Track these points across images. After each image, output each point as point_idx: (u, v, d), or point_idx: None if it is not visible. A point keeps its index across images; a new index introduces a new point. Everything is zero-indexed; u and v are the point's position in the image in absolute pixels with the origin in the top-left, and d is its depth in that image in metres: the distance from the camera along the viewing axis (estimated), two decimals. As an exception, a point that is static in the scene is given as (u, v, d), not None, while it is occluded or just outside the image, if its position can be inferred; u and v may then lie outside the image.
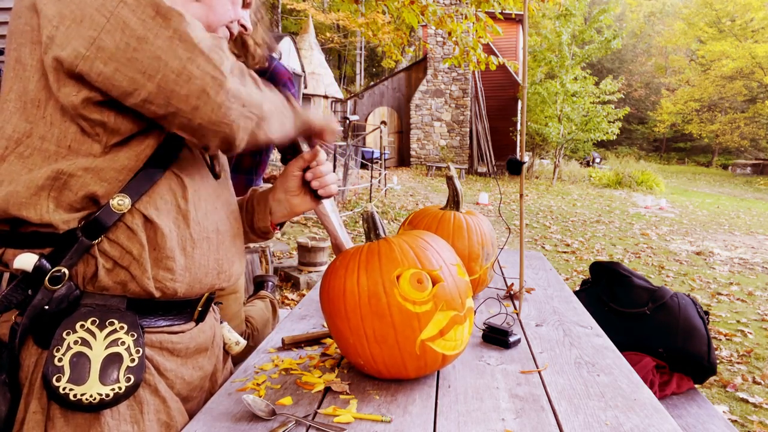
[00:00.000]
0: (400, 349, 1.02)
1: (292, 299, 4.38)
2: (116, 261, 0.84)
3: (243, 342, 1.19)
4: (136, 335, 0.85)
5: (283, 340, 1.30)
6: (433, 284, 1.04)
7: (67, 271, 0.82)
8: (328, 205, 1.09)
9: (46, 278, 0.80)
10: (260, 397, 1.00)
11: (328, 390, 1.05)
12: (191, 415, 0.97)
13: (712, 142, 34.39)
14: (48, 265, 0.81)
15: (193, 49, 0.77)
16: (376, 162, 12.99)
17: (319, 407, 0.98)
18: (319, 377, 1.10)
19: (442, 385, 1.10)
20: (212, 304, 1.07)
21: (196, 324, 1.00)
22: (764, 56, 27.54)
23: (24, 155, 0.81)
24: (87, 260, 0.83)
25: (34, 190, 0.80)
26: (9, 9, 4.39)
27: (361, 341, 1.04)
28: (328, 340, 1.33)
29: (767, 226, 10.82)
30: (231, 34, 1.03)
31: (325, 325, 1.20)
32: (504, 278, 1.99)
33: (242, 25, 1.04)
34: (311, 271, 4.89)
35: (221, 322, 1.16)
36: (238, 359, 1.31)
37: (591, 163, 25.68)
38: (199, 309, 1.00)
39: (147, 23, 0.77)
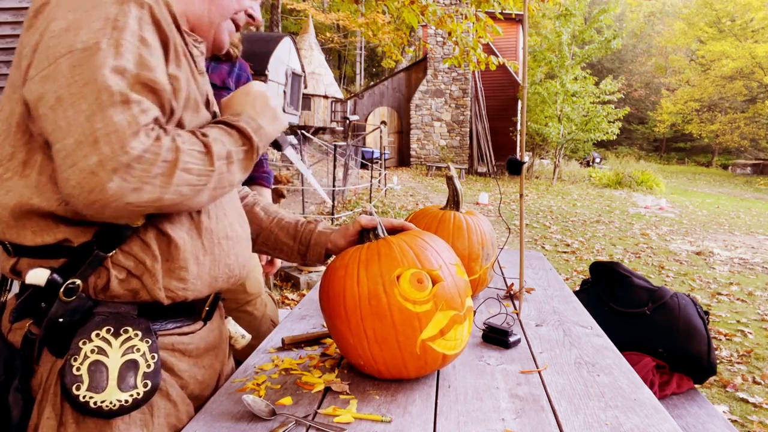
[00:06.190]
0: (400, 349, 1.02)
1: (292, 299, 4.37)
2: (130, 271, 0.84)
3: (248, 336, 1.19)
4: (150, 341, 0.85)
5: (283, 340, 1.30)
6: (433, 284, 1.04)
7: (81, 283, 0.82)
8: None
9: (61, 291, 0.80)
10: (260, 397, 1.00)
11: (328, 390, 1.05)
12: None
13: (712, 142, 34.39)
14: (60, 279, 0.81)
15: (89, 135, 0.69)
16: (376, 162, 12.99)
17: (319, 407, 0.98)
18: (319, 377, 1.10)
19: (442, 385, 1.10)
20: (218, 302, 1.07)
21: (204, 323, 1.00)
22: (764, 56, 27.54)
23: (3, 177, 0.81)
24: (99, 272, 0.83)
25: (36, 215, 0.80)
26: (9, 9, 4.39)
27: (362, 341, 1.04)
28: (328, 340, 1.33)
29: (767, 226, 10.82)
30: (237, 26, 0.98)
31: (325, 325, 1.20)
32: (504, 278, 1.99)
33: (250, 16, 0.98)
34: (311, 271, 4.89)
35: (225, 317, 1.16)
36: (241, 357, 1.30)
37: (591, 163, 25.67)
38: (207, 309, 1.00)
39: (73, 86, 0.70)
